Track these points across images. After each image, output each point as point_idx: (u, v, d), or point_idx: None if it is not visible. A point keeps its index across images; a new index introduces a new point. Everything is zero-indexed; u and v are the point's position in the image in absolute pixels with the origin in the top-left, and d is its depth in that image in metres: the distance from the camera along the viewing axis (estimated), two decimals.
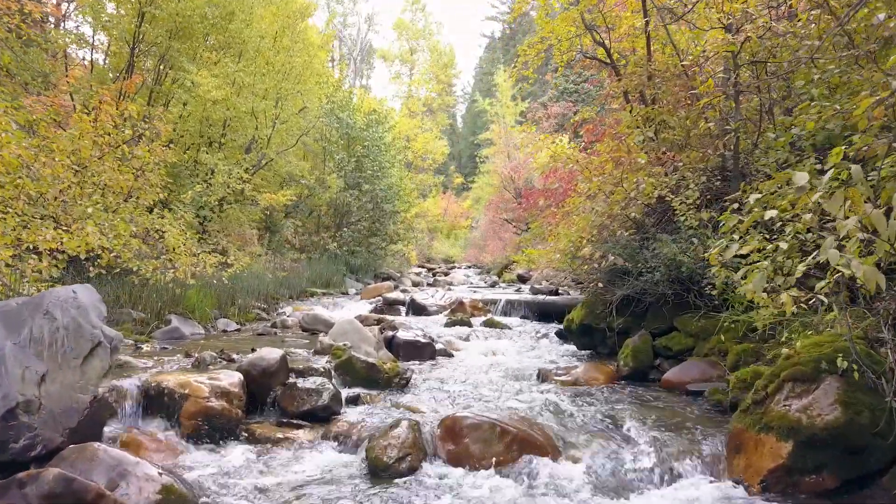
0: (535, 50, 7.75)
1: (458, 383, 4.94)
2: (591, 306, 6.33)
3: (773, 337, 4.56)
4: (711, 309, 5.15)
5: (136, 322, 5.85)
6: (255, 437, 3.53)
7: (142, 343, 5.07)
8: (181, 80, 11.20)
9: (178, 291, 6.47)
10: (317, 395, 3.79)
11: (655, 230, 5.89)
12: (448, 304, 10.21)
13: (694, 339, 5.25)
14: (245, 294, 8.87)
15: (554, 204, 8.60)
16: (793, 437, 2.73)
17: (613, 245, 5.96)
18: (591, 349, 6.47)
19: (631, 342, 5.37)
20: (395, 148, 18.21)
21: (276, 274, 11.33)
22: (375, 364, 4.39)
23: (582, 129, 8.65)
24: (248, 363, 3.84)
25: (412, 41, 43.00)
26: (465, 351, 6.72)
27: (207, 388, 3.51)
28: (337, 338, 5.27)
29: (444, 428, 3.31)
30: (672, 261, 5.45)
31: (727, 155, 6.10)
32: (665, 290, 5.39)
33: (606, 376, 5.20)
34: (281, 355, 3.92)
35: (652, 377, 5.24)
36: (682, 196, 5.71)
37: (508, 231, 24.73)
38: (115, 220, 6.78)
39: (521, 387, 4.87)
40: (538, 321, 8.97)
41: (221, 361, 4.24)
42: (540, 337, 7.66)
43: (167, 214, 7.61)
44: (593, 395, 4.58)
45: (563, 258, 6.78)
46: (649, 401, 4.43)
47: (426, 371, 5.43)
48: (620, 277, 6.01)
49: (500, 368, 5.67)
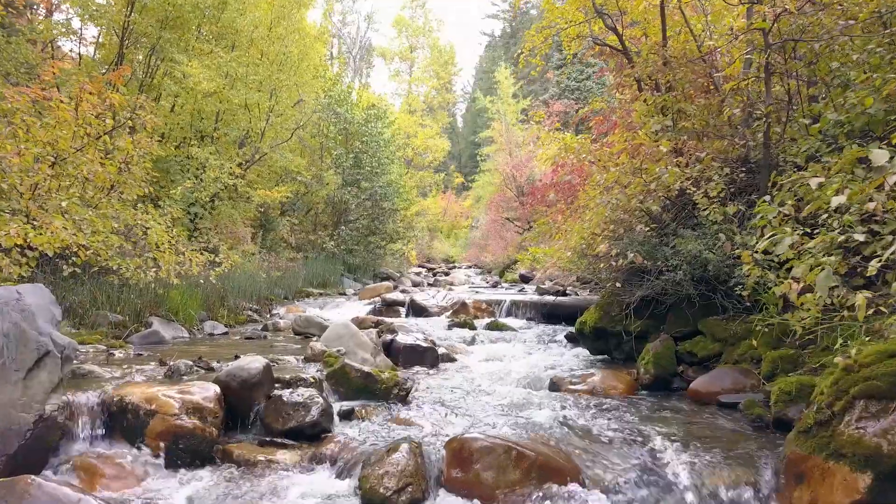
0: (542, 35, 7.29)
1: (464, 393, 4.48)
2: (605, 308, 5.87)
3: (813, 342, 4.11)
4: (742, 311, 4.70)
5: (113, 325, 5.39)
6: (233, 459, 3.07)
7: (116, 349, 4.61)
8: (171, 72, 10.74)
9: (160, 292, 6.01)
10: (305, 409, 3.33)
11: (676, 225, 5.44)
12: (450, 306, 9.75)
13: (721, 344, 4.79)
14: (236, 294, 8.41)
15: (563, 199, 8.14)
16: (871, 468, 2.27)
17: (630, 242, 5.50)
18: (605, 354, 6.01)
19: (652, 347, 4.91)
20: (395, 144, 17.72)
21: (271, 273, 10.87)
22: (372, 373, 3.92)
23: (591, 121, 8.18)
24: (226, 374, 3.37)
25: (412, 38, 42.52)
26: (469, 356, 6.26)
27: (177, 404, 3.05)
28: (330, 343, 4.81)
29: (451, 452, 2.84)
30: (695, 258, 5.00)
31: (752, 144, 5.66)
32: (689, 290, 4.94)
33: (626, 385, 4.75)
34: (264, 364, 3.46)
35: (676, 386, 4.78)
36: (705, 189, 5.26)
37: (510, 230, 24.28)
38: (95, 215, 6.34)
39: (532, 397, 4.42)
40: (545, 323, 8.52)
41: (199, 370, 3.78)
42: (548, 341, 7.20)
43: (152, 210, 7.14)
44: (614, 407, 4.12)
45: (573, 256, 6.31)
46: (678, 414, 3.97)
47: (428, 379, 4.98)
48: (638, 277, 5.56)
49: (507, 376, 5.21)
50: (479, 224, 35.43)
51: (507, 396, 4.44)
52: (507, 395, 4.50)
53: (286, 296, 11.21)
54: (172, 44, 10.95)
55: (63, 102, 6.46)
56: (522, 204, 23.64)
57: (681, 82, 6.67)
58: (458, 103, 58.14)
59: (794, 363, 4.12)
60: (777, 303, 4.36)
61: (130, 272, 6.01)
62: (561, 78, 36.15)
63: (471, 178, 40.74)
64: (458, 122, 55.81)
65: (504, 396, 4.43)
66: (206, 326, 6.48)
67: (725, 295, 4.88)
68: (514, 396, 4.45)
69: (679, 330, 5.20)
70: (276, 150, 11.14)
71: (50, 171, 6.08)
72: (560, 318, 8.34)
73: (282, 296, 11.09)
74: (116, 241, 6.41)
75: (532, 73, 33.78)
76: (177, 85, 10.58)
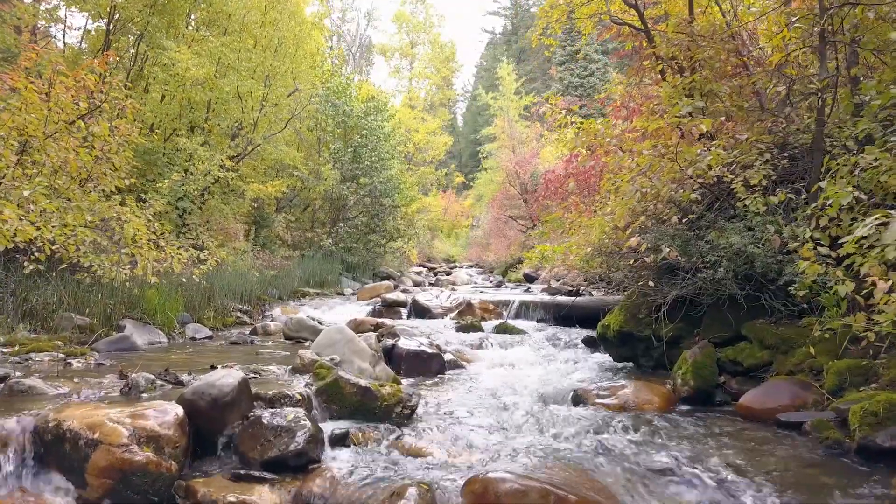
0: (557, 12, 6.69)
1: (476, 410, 3.87)
2: (631, 310, 5.27)
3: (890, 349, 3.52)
4: (797, 313, 4.10)
5: (79, 329, 4.77)
6: (198, 499, 2.46)
7: (76, 357, 4.00)
8: (158, 58, 10.12)
9: (136, 292, 5.40)
10: (289, 435, 2.73)
11: (714, 216, 4.83)
12: (454, 306, 9.14)
13: (771, 352, 4.18)
14: (225, 294, 7.81)
15: (581, 190, 7.54)
16: None
17: (661, 235, 4.90)
18: (630, 361, 5.41)
19: (690, 355, 4.30)
20: (395, 138, 17.09)
21: (265, 272, 10.26)
22: (370, 388, 3.31)
23: (607, 107, 7.58)
24: (193, 392, 2.77)
25: (412, 34, 41.85)
26: (478, 362, 5.67)
27: (127, 432, 2.44)
28: (323, 350, 4.20)
29: (472, 497, 2.24)
30: (738, 254, 4.40)
31: (793, 128, 5.06)
32: (732, 289, 4.34)
33: (662, 398, 4.14)
34: (240, 380, 2.86)
35: (719, 399, 4.18)
36: (744, 176, 4.66)
37: (513, 229, 23.68)
38: (67, 206, 5.75)
39: (555, 414, 3.81)
40: (558, 325, 7.91)
41: (164, 385, 3.17)
42: (564, 345, 6.60)
43: (131, 201, 6.53)
44: (655, 427, 3.51)
45: (593, 253, 5.71)
46: (732, 436, 3.36)
47: (435, 391, 4.38)
48: (669, 275, 4.96)
49: (523, 386, 4.60)
50: (480, 223, 34.84)
51: (526, 413, 3.84)
52: (526, 410, 3.90)
53: (281, 296, 10.61)
54: (160, 29, 10.34)
55: (32, 84, 5.86)
56: (526, 201, 23.04)
57: (710, 61, 6.09)
58: (459, 102, 57.52)
59: (866, 375, 3.53)
60: (840, 304, 3.77)
61: (103, 269, 5.41)
62: (564, 74, 35.57)
63: (471, 177, 40.16)
64: (458, 121, 55.17)
65: (523, 413, 3.83)
66: (189, 330, 5.88)
67: (774, 295, 4.28)
68: (534, 413, 3.85)
69: (718, 335, 4.60)
70: (269, 142, 10.51)
71: (14, 158, 5.49)
72: (574, 320, 7.74)
73: (276, 296, 10.50)
74: (90, 235, 5.82)
75: (546, 53, 33.05)
76: (164, 72, 9.97)
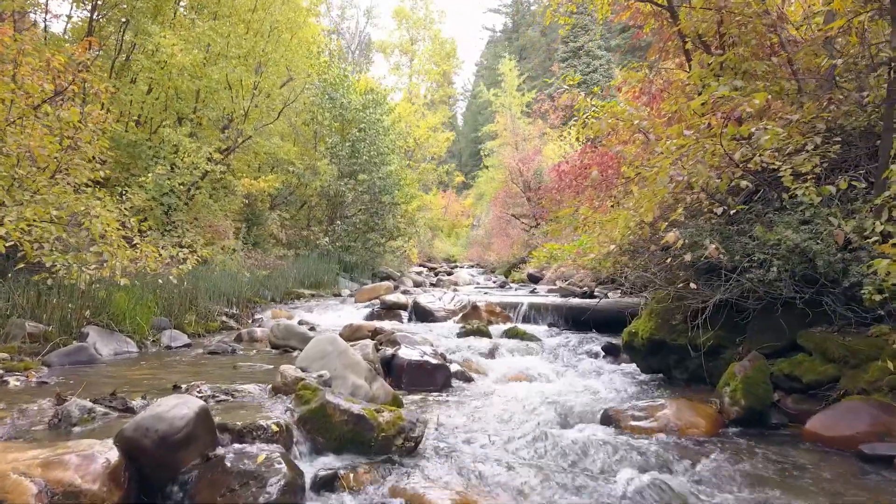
0: None
1: (492, 437, 3.26)
2: (663, 315, 4.65)
3: None
4: (873, 320, 3.48)
5: (31, 339, 4.15)
6: None
7: (17, 372, 3.37)
8: (144, 45, 9.50)
9: (102, 294, 4.78)
10: (258, 483, 2.11)
11: (763, 208, 4.22)
12: (458, 309, 8.53)
13: (837, 366, 3.56)
14: (210, 297, 7.18)
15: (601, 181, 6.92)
16: None
17: (698, 230, 4.29)
18: (660, 373, 4.80)
19: (739, 369, 3.68)
20: (395, 132, 16.44)
21: (256, 272, 9.64)
22: (365, 416, 2.69)
23: (625, 91, 6.97)
24: (135, 427, 2.15)
25: (412, 30, 41.17)
26: (488, 374, 5.05)
27: (36, 488, 1.83)
28: (311, 363, 3.58)
29: None
30: (793, 251, 3.78)
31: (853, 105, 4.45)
32: (787, 292, 3.72)
33: (708, 420, 3.51)
34: (198, 410, 2.23)
35: (774, 421, 3.56)
36: (792, 162, 4.05)
37: (516, 227, 23.07)
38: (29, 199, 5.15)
39: (587, 441, 3.19)
40: (571, 330, 7.29)
41: (108, 414, 2.54)
42: (581, 353, 5.98)
43: (103, 195, 5.92)
44: (710, 458, 2.90)
45: (617, 251, 5.09)
46: (810, 473, 2.74)
47: (441, 410, 3.76)
48: (706, 275, 4.35)
49: (542, 404, 3.98)
50: (480, 222, 34.25)
51: (551, 440, 3.22)
52: (550, 436, 3.27)
53: (273, 297, 10.00)
54: (146, 14, 9.71)
55: None
56: (530, 199, 22.43)
57: (745, 37, 5.49)
58: (458, 102, 56.90)
59: None
60: None
61: (67, 270, 4.80)
62: (567, 71, 34.96)
63: (471, 176, 39.55)
64: (458, 120, 54.55)
65: (548, 441, 3.21)
66: (165, 337, 5.25)
67: (837, 299, 3.67)
68: (560, 440, 3.22)
69: (767, 344, 3.98)
70: (261, 134, 9.88)
71: None
72: (589, 325, 7.12)
73: (268, 298, 9.88)
74: (55, 231, 5.21)
75: (560, 32, 32.15)
76: (149, 59, 9.35)
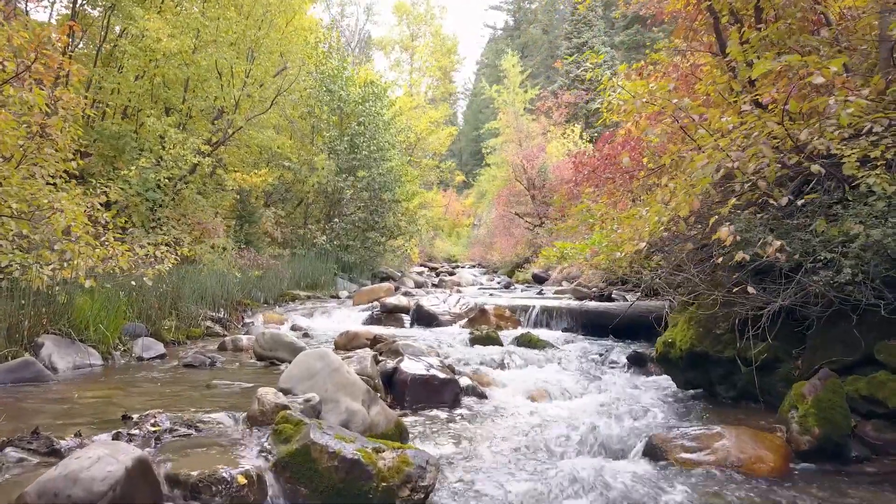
0: None
1: (515, 475, 2.66)
2: (704, 323, 4.04)
3: None
4: None
5: None
6: None
7: None
8: (129, 30, 8.91)
9: (62, 299, 4.18)
10: None
11: (826, 197, 3.61)
12: (464, 312, 7.92)
13: None
14: (195, 299, 6.58)
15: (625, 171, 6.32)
16: None
17: (749, 225, 3.69)
18: (701, 388, 4.19)
19: (809, 390, 3.07)
20: (396, 127, 15.82)
21: (248, 273, 9.04)
22: (360, 460, 2.08)
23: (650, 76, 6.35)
24: (39, 492, 1.54)
25: (413, 26, 40.51)
26: (502, 388, 4.45)
27: None
28: (298, 384, 2.98)
29: None
30: (869, 249, 3.18)
31: None
32: (866, 297, 3.12)
33: (776, 453, 2.91)
34: (130, 465, 1.63)
35: (855, 454, 2.95)
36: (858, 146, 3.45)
37: (520, 226, 22.44)
38: None
39: (632, 484, 2.60)
40: (588, 336, 6.69)
41: (24, 461, 1.93)
42: (602, 363, 5.39)
43: (71, 186, 5.32)
44: None
45: (649, 249, 4.48)
46: None
47: (450, 437, 3.16)
48: (757, 277, 3.75)
49: (571, 429, 3.38)
50: (482, 222, 33.63)
51: (588, 480, 2.62)
52: (585, 474, 2.68)
53: (267, 299, 9.39)
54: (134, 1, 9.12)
55: None
56: (534, 198, 21.83)
57: (790, 11, 4.89)
58: (459, 100, 56.21)
59: None
60: None
61: (23, 271, 4.21)
62: (570, 67, 34.33)
63: (472, 175, 38.92)
64: (458, 119, 53.86)
65: (583, 482, 2.61)
66: (137, 346, 4.66)
67: None
68: (597, 479, 2.63)
69: (835, 358, 3.37)
70: (253, 125, 9.28)
71: None
72: (607, 331, 6.53)
73: (262, 299, 9.29)
74: (13, 225, 4.63)
75: (580, 8, 31.41)
76: (133, 45, 8.75)
